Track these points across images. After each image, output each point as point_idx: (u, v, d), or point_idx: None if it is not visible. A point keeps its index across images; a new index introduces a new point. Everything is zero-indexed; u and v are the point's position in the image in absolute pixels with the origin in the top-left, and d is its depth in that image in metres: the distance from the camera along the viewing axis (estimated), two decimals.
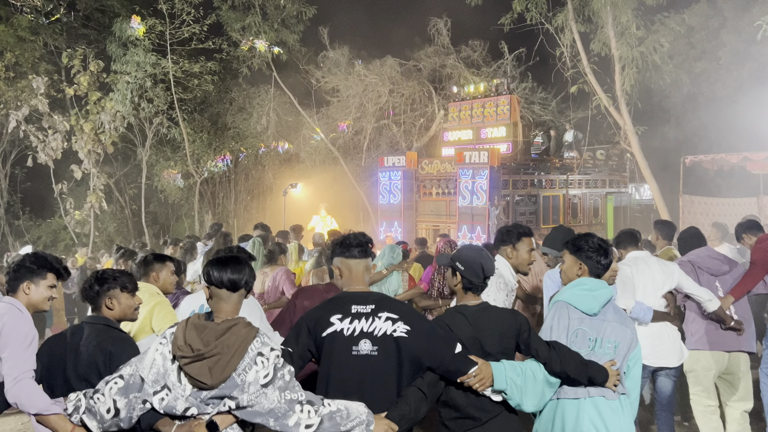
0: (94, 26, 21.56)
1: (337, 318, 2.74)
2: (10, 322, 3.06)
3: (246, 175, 22.25)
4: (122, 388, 2.51)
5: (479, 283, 3.07)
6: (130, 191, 21.98)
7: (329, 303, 2.86)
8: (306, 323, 2.80)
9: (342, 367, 2.70)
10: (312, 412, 2.44)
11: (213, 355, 2.40)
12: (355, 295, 2.84)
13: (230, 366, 2.40)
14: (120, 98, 17.51)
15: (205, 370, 2.38)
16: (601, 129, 18.13)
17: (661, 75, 16.02)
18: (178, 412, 2.45)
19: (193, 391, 2.44)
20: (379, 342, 2.70)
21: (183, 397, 2.45)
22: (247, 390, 2.41)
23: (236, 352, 2.41)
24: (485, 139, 16.50)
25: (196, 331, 2.45)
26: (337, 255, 2.97)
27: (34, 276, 3.25)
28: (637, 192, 19.86)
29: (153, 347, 2.55)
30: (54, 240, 20.47)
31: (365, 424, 2.50)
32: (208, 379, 2.38)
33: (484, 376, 2.75)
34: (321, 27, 20.59)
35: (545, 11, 15.85)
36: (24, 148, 18.53)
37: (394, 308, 2.78)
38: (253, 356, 2.44)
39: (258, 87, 21.49)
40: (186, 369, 2.41)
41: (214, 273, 2.56)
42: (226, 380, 2.41)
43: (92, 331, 3.05)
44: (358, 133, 21.55)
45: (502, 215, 14.11)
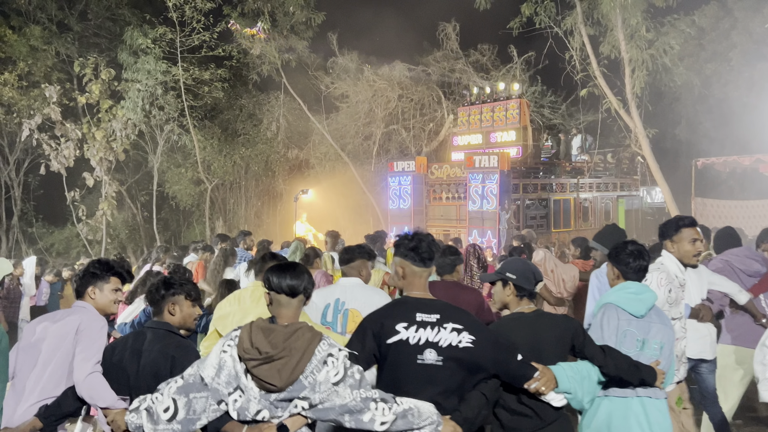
0: (105, 35, 21.74)
1: (402, 326, 2.75)
2: (86, 320, 3.17)
3: (256, 181, 22.32)
4: (181, 387, 2.54)
5: (532, 289, 3.20)
6: (141, 198, 22.11)
7: (393, 308, 2.87)
8: (370, 328, 2.81)
9: (407, 376, 2.72)
10: (386, 409, 2.48)
11: (281, 357, 2.44)
12: (418, 303, 2.84)
13: (298, 368, 2.44)
14: (131, 106, 17.64)
15: (274, 372, 2.43)
16: (611, 132, 18.05)
17: (671, 77, 15.94)
18: (250, 414, 2.49)
19: (262, 394, 2.49)
20: (444, 352, 2.71)
21: (255, 399, 2.49)
22: (318, 389, 2.45)
23: (303, 355, 2.46)
24: (495, 143, 16.48)
25: (263, 334, 2.50)
26: (402, 256, 2.95)
27: (98, 280, 3.35)
28: (648, 195, 19.75)
29: (218, 348, 2.58)
30: (66, 247, 20.63)
31: (435, 423, 2.55)
32: (277, 380, 2.43)
33: (547, 378, 2.84)
34: (330, 33, 20.70)
35: (554, 15, 15.82)
36: (37, 156, 18.70)
37: (458, 318, 2.79)
38: (322, 358, 2.49)
39: (268, 93, 21.60)
40: (254, 371, 2.46)
41: (273, 279, 2.61)
42: (294, 382, 2.45)
43: (155, 335, 3.11)
44: (367, 138, 21.59)
45: (512, 219, 14.07)
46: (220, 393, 2.51)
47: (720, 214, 14.91)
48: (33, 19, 20.23)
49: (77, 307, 3.29)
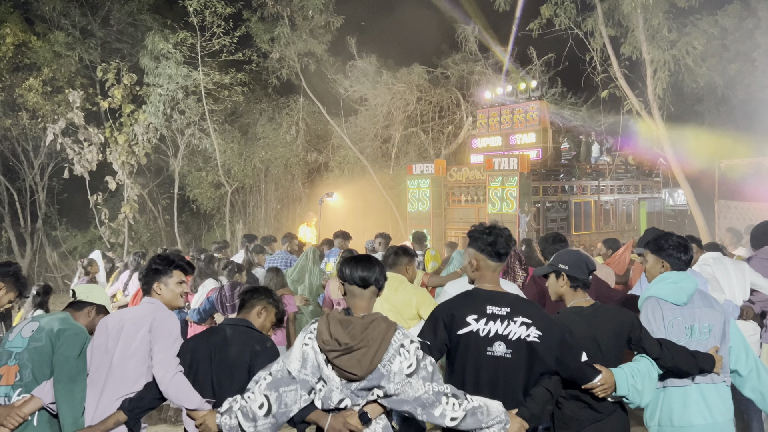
0: (127, 40, 22.01)
1: (473, 318, 2.80)
2: (159, 318, 3.23)
3: (276, 185, 22.43)
4: (271, 383, 2.63)
5: (585, 278, 3.22)
6: (162, 201, 22.33)
7: (464, 300, 2.91)
8: (442, 318, 2.86)
9: (476, 367, 2.77)
10: (457, 404, 2.53)
11: (360, 347, 2.52)
12: (489, 295, 2.89)
13: (377, 357, 2.52)
14: (153, 110, 17.83)
15: (354, 362, 2.51)
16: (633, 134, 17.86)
17: (694, 78, 15.74)
18: (333, 403, 2.58)
19: (344, 383, 2.57)
20: (513, 345, 2.76)
21: (338, 389, 2.58)
22: (393, 380, 2.52)
23: (381, 345, 2.53)
24: (514, 145, 16.40)
25: (341, 326, 2.58)
26: (479, 250, 2.97)
27: (162, 276, 3.41)
28: (670, 197, 19.52)
29: (299, 342, 2.68)
30: (89, 250, 20.82)
31: (503, 423, 2.59)
32: (358, 370, 2.51)
33: (608, 385, 2.90)
34: (348, 37, 20.73)
35: (574, 16, 15.71)
36: (61, 160, 18.97)
37: (528, 312, 2.83)
38: (397, 347, 2.56)
39: (287, 97, 21.70)
40: (335, 362, 2.54)
41: (346, 270, 2.75)
42: (373, 371, 2.52)
43: (235, 332, 3.20)
44: (386, 141, 21.60)
45: (532, 222, 13.98)
46: (309, 383, 2.61)
47: (744, 217, 14.67)
48: (57, 25, 20.55)
49: (147, 303, 3.35)
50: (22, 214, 21.18)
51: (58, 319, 3.31)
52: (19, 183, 21.25)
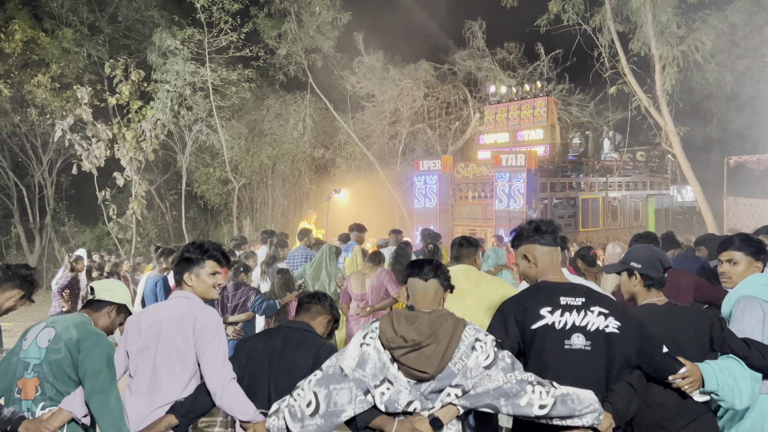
0: (135, 37, 22.06)
1: (547, 311, 2.67)
2: (201, 316, 3.04)
3: (283, 181, 22.46)
4: (320, 379, 2.54)
5: (659, 277, 3.05)
6: (170, 197, 22.40)
7: (533, 293, 2.79)
8: (513, 314, 2.73)
9: (555, 361, 2.64)
10: (544, 392, 2.41)
11: (429, 344, 2.42)
12: (559, 286, 2.76)
13: (447, 354, 2.42)
14: (160, 106, 17.88)
15: (424, 359, 2.41)
16: (641, 130, 17.78)
17: (703, 74, 15.66)
18: (400, 406, 2.45)
19: (412, 384, 2.45)
20: (591, 337, 2.63)
21: (406, 390, 2.45)
22: (470, 375, 2.42)
23: (451, 341, 2.44)
24: (522, 141, 16.37)
25: (407, 322, 2.48)
26: (527, 242, 2.88)
27: (193, 266, 3.16)
28: (679, 194, 19.43)
29: (356, 341, 2.59)
30: (98, 246, 20.97)
31: (598, 412, 2.44)
32: (428, 367, 2.40)
33: (694, 378, 2.73)
34: (356, 33, 20.72)
35: (582, 11, 15.64)
36: (69, 156, 19.06)
37: (604, 303, 2.71)
38: (470, 343, 2.46)
39: (294, 93, 21.72)
40: (402, 360, 2.43)
41: (410, 271, 2.74)
42: (444, 369, 2.42)
43: (295, 335, 3.08)
44: (393, 137, 21.59)
45: (540, 218, 13.94)
46: (365, 383, 2.49)
47: (752, 213, 14.60)
48: (65, 21, 20.62)
49: (181, 299, 3.13)
50: (31, 210, 21.31)
51: (75, 325, 3.05)
52: (28, 179, 21.37)
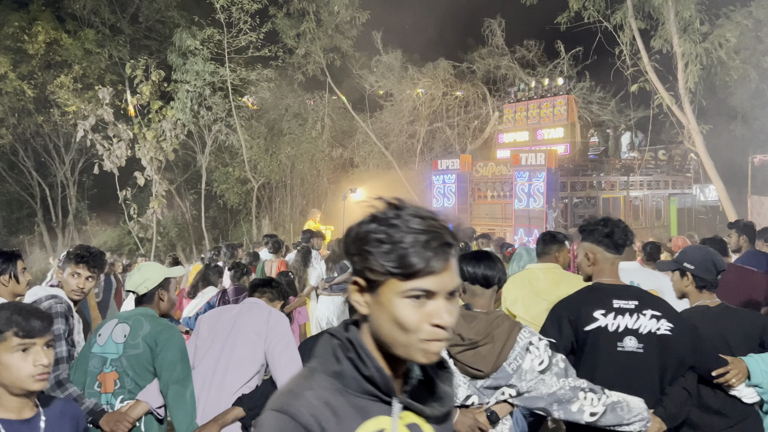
0: (155, 37, 22.28)
1: (600, 313, 2.71)
2: (274, 314, 3.20)
3: (301, 180, 22.53)
4: None
5: (712, 279, 3.04)
6: (190, 197, 22.58)
7: (587, 295, 2.82)
8: (567, 315, 2.77)
9: (607, 364, 2.67)
10: (595, 399, 2.41)
11: (485, 344, 2.44)
12: (613, 289, 2.79)
13: (502, 355, 2.43)
14: (180, 106, 18.03)
15: (479, 358, 2.42)
16: (663, 128, 17.54)
17: (726, 71, 15.40)
18: (459, 400, 2.48)
19: (469, 380, 2.48)
20: (644, 339, 2.66)
21: (464, 385, 2.48)
22: (524, 378, 2.43)
23: (506, 342, 2.44)
24: (542, 140, 16.22)
25: (465, 321, 2.49)
26: (595, 243, 2.89)
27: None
28: (701, 193, 19.15)
29: None
30: (119, 244, 21.23)
31: (645, 420, 2.45)
32: (484, 366, 2.42)
33: (738, 370, 2.73)
34: (374, 32, 20.71)
35: (603, 9, 15.47)
36: (91, 156, 19.31)
37: (656, 305, 2.74)
38: (524, 345, 2.46)
39: (313, 93, 21.77)
40: (458, 357, 2.45)
41: (468, 269, 2.61)
42: (498, 369, 2.44)
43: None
44: (411, 136, 21.55)
45: (560, 218, 13.82)
46: None
47: None
48: (87, 23, 20.88)
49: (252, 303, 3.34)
50: (53, 209, 21.62)
51: (145, 317, 3.14)
52: (50, 178, 21.68)
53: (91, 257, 3.40)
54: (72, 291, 3.36)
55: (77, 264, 3.37)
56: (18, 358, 1.98)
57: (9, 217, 22.80)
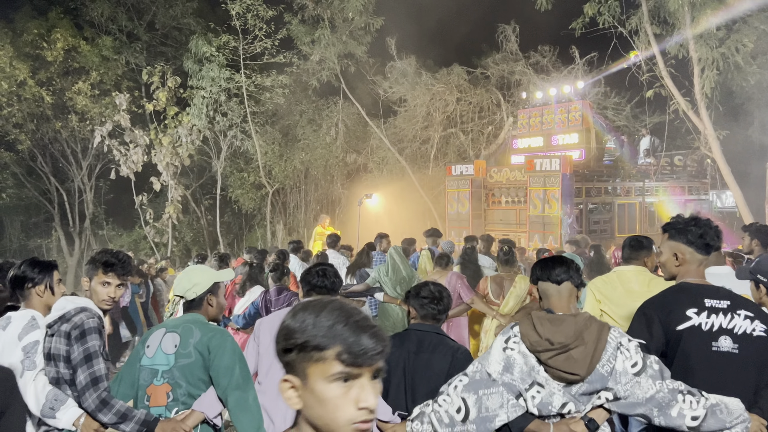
0: (171, 44, 22.49)
1: (693, 312, 2.66)
2: None
3: (315, 186, 22.61)
4: (468, 384, 2.47)
5: None
6: (205, 202, 22.73)
7: (676, 294, 2.78)
8: (656, 315, 2.72)
9: (701, 364, 2.62)
10: (695, 402, 2.34)
11: (576, 346, 2.39)
12: (703, 288, 2.75)
13: (596, 357, 2.38)
14: (196, 112, 18.17)
15: (572, 362, 2.37)
16: (678, 134, 17.42)
17: (743, 76, 15.28)
18: (554, 408, 2.43)
19: (564, 386, 2.42)
20: (739, 340, 2.61)
21: (559, 393, 2.42)
22: (620, 380, 2.38)
23: (598, 344, 2.40)
24: (556, 146, 16.16)
25: (551, 324, 2.45)
26: (686, 243, 2.85)
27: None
28: (718, 199, 18.97)
29: (498, 345, 2.54)
30: (135, 249, 21.38)
31: (746, 421, 2.37)
32: (578, 369, 2.36)
33: None
34: (388, 38, 20.77)
35: (618, 14, 15.41)
36: (108, 161, 19.49)
37: (748, 306, 2.70)
38: (615, 346, 2.42)
39: (327, 99, 21.86)
40: (550, 362, 2.40)
41: (542, 272, 2.65)
42: (593, 372, 2.39)
43: (427, 338, 3.08)
44: (425, 142, 21.56)
45: (575, 224, 13.76)
46: (516, 387, 2.45)
47: None
48: (105, 30, 21.13)
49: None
50: (71, 214, 21.83)
51: (195, 324, 3.02)
52: (68, 184, 21.91)
53: (121, 264, 3.22)
54: (102, 301, 3.18)
55: (106, 272, 3.18)
56: None
57: (27, 222, 23.06)
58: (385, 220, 19.14)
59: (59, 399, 2.92)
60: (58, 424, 2.92)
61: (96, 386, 2.88)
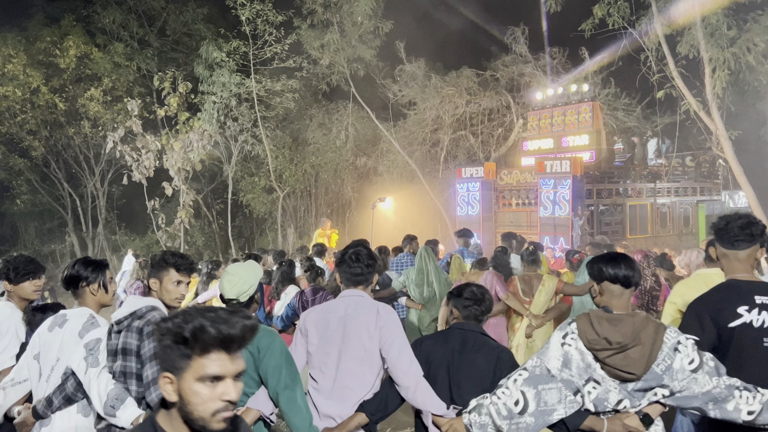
0: (182, 50, 22.66)
1: (744, 309, 2.70)
2: (383, 312, 3.14)
3: (326, 189, 22.68)
4: (528, 379, 2.52)
5: None
6: (217, 206, 22.86)
7: (726, 292, 2.81)
8: (708, 312, 2.76)
9: (753, 360, 2.66)
10: (751, 397, 2.39)
11: (634, 345, 2.42)
12: (752, 285, 2.78)
13: (652, 357, 2.42)
14: (207, 117, 18.28)
15: (630, 361, 2.41)
16: (690, 134, 17.32)
17: (755, 76, 15.17)
18: (610, 405, 2.48)
19: (619, 383, 2.47)
20: None
21: (615, 390, 2.47)
22: (676, 377, 2.42)
23: (654, 344, 2.43)
24: (567, 147, 16.12)
25: (609, 324, 2.47)
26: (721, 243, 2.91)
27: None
28: (731, 199, 18.84)
29: (556, 341, 2.58)
30: (147, 254, 21.53)
31: None
32: (635, 368, 2.40)
33: None
34: (397, 41, 20.81)
35: (628, 15, 15.36)
36: (120, 167, 19.65)
37: None
38: (672, 345, 2.45)
39: (337, 102, 21.93)
40: (607, 361, 2.44)
41: (608, 270, 2.60)
42: (648, 371, 2.43)
43: (471, 337, 3.10)
44: (435, 144, 21.56)
45: (586, 226, 13.72)
46: (574, 383, 2.49)
47: None
48: (116, 36, 21.34)
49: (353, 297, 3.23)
50: (84, 219, 22.04)
51: None
52: (81, 189, 22.12)
53: (188, 263, 3.31)
54: (176, 299, 3.27)
55: (179, 272, 3.25)
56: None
57: (41, 227, 23.29)
58: (396, 223, 19.16)
59: (120, 398, 2.99)
60: (118, 422, 2.98)
61: (149, 390, 2.93)
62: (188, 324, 1.59)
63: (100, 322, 3.24)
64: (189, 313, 1.62)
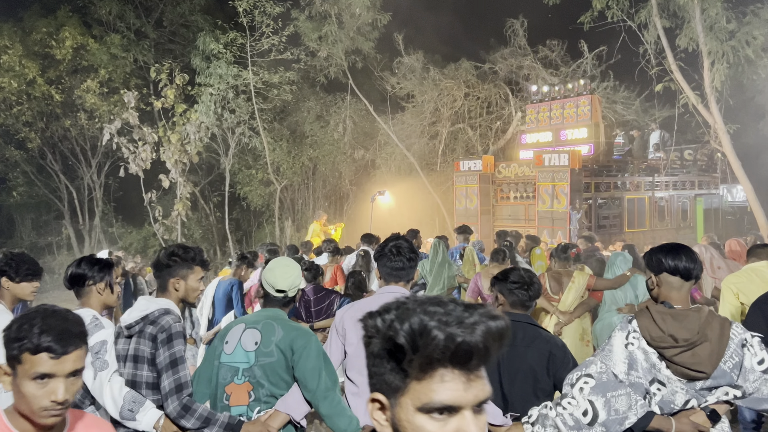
0: (179, 41, 22.52)
1: None
2: None
3: (323, 182, 22.62)
4: (595, 387, 2.39)
5: None
6: (214, 199, 22.79)
7: None
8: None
9: None
10: None
11: (701, 342, 2.34)
12: None
13: (720, 353, 2.34)
14: (204, 110, 18.18)
15: (699, 358, 2.33)
16: (688, 128, 17.30)
17: (754, 69, 15.14)
18: (677, 406, 2.40)
19: (687, 383, 2.39)
20: None
21: (682, 390, 2.39)
22: (748, 378, 2.35)
23: (721, 340, 2.36)
24: (565, 140, 16.09)
25: (674, 320, 2.39)
26: None
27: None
28: (729, 193, 18.83)
29: (619, 343, 2.48)
30: (144, 246, 21.50)
31: None
32: (705, 366, 2.33)
33: None
34: (395, 33, 20.72)
35: (627, 8, 15.31)
36: (117, 159, 19.56)
37: None
38: (739, 341, 2.38)
39: (334, 95, 21.84)
40: (675, 359, 2.36)
41: (668, 261, 2.50)
42: (717, 368, 2.35)
43: (521, 329, 2.97)
44: (433, 137, 21.51)
45: (584, 219, 13.71)
46: (642, 386, 2.42)
47: None
48: (113, 27, 21.19)
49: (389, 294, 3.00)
50: (80, 211, 21.96)
51: (276, 321, 2.93)
52: (77, 182, 22.04)
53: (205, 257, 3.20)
54: (197, 296, 3.15)
55: (204, 268, 3.14)
56: None
57: (38, 220, 23.22)
58: (394, 216, 19.12)
59: (137, 401, 2.87)
60: (139, 426, 2.86)
61: (180, 392, 2.81)
62: (404, 324, 1.07)
63: (104, 323, 3.11)
64: (406, 306, 1.09)
